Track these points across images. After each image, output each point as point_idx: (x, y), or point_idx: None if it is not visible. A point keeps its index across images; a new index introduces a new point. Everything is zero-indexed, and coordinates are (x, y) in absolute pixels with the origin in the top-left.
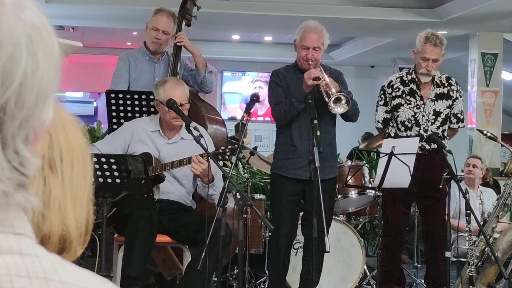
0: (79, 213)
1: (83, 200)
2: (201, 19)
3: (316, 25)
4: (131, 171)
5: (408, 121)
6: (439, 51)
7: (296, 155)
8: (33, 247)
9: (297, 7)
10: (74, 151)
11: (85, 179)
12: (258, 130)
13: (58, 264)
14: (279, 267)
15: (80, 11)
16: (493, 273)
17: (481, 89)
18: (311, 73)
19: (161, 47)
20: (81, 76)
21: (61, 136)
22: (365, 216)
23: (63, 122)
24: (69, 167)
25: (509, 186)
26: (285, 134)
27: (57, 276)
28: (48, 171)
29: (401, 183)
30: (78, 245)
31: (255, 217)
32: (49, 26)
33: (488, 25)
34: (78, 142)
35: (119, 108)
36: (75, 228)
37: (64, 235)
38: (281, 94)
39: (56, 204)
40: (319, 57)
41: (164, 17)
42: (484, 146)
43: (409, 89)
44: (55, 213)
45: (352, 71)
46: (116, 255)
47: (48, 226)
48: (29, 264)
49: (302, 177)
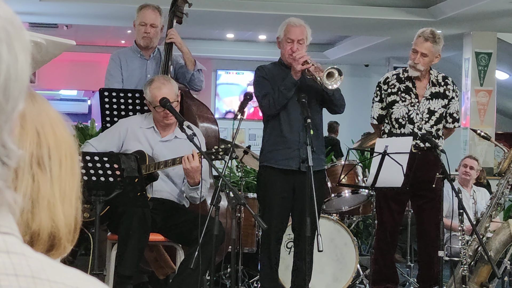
0: (68, 210)
1: (72, 197)
2: (195, 18)
3: (299, 20)
4: (124, 170)
5: (402, 118)
6: (429, 46)
7: (286, 146)
8: (20, 246)
9: (292, 5)
10: (62, 148)
11: (73, 176)
12: (252, 129)
13: (45, 263)
14: (271, 264)
15: (74, 9)
16: (486, 272)
17: (475, 88)
18: (299, 57)
19: (151, 41)
20: (75, 74)
21: (49, 133)
22: (358, 215)
23: (50, 120)
24: (58, 164)
25: (502, 185)
26: (274, 126)
27: (45, 274)
28: (37, 169)
29: (395, 182)
30: (68, 242)
31: (248, 216)
32: (18, 19)
33: (482, 25)
34: (66, 139)
35: (112, 106)
36: (64, 225)
37: (53, 232)
38: (268, 86)
39: (45, 201)
40: (303, 51)
41: (149, 10)
42: (478, 145)
43: (405, 86)
44: (44, 210)
45: (347, 70)
46: (109, 253)
47: (38, 224)
48: (16, 262)
49: (292, 168)
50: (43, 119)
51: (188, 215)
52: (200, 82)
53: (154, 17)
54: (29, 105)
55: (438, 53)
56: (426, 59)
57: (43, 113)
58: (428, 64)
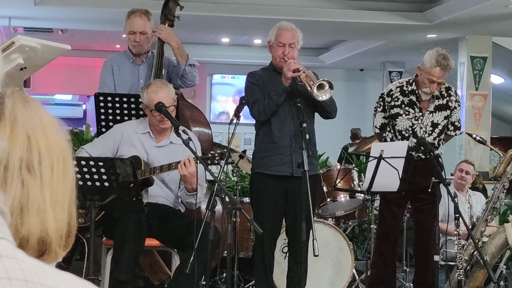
0: (60, 216)
1: (64, 202)
2: (190, 22)
3: (290, 24)
4: (120, 175)
5: (406, 131)
6: (447, 75)
7: (278, 152)
8: (12, 250)
9: (287, 10)
10: (54, 153)
11: (66, 181)
12: (247, 133)
13: (38, 267)
14: (266, 269)
15: (69, 13)
16: (481, 277)
17: (470, 92)
18: (290, 65)
19: (142, 48)
20: (70, 79)
21: (41, 138)
22: (354, 219)
23: (43, 124)
24: (49, 169)
25: (498, 189)
26: (265, 132)
27: (37, 278)
28: (26, 174)
29: (390, 186)
30: (59, 248)
31: (244, 220)
32: None
33: (477, 29)
34: (58, 144)
35: (107, 111)
36: (54, 230)
37: (43, 238)
38: (258, 92)
39: (35, 207)
40: (295, 55)
41: (137, 17)
42: (473, 149)
43: (409, 100)
44: (34, 216)
45: (342, 74)
46: (104, 258)
47: (27, 229)
48: (9, 266)
49: (285, 173)
50: (35, 123)
51: (183, 220)
52: (192, 77)
53: (143, 23)
54: (21, 110)
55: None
56: (441, 84)
57: (36, 118)
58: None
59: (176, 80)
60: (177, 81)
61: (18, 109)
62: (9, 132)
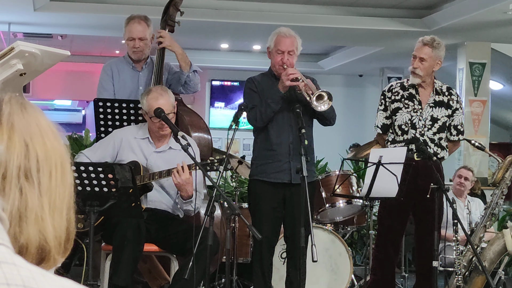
0: (58, 222)
1: (63, 209)
2: (190, 28)
3: (289, 30)
4: (119, 180)
5: (405, 124)
6: (428, 51)
7: (276, 159)
8: (11, 256)
9: (286, 16)
10: (52, 159)
11: (64, 187)
12: (246, 139)
13: (36, 273)
14: (264, 274)
15: (69, 19)
16: (480, 283)
17: (469, 98)
18: (289, 73)
19: (142, 54)
20: (69, 84)
21: (38, 144)
22: (353, 225)
23: (41, 130)
24: (47, 176)
25: (497, 195)
26: (263, 139)
27: (35, 284)
28: (24, 182)
29: (389, 192)
30: (58, 255)
31: (243, 226)
32: None
33: (476, 35)
34: (56, 149)
35: (107, 117)
36: (53, 237)
37: (42, 245)
38: (257, 98)
39: (33, 214)
40: (294, 62)
41: (135, 24)
42: (472, 155)
43: (408, 93)
44: (32, 223)
45: (341, 80)
46: (103, 264)
47: (26, 237)
48: (7, 272)
49: (283, 181)
50: (33, 129)
51: (182, 225)
52: (195, 84)
53: (142, 29)
54: (18, 116)
55: (438, 59)
56: (425, 63)
57: (33, 123)
58: (428, 70)
59: (176, 86)
60: (177, 87)
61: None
62: (6, 139)
